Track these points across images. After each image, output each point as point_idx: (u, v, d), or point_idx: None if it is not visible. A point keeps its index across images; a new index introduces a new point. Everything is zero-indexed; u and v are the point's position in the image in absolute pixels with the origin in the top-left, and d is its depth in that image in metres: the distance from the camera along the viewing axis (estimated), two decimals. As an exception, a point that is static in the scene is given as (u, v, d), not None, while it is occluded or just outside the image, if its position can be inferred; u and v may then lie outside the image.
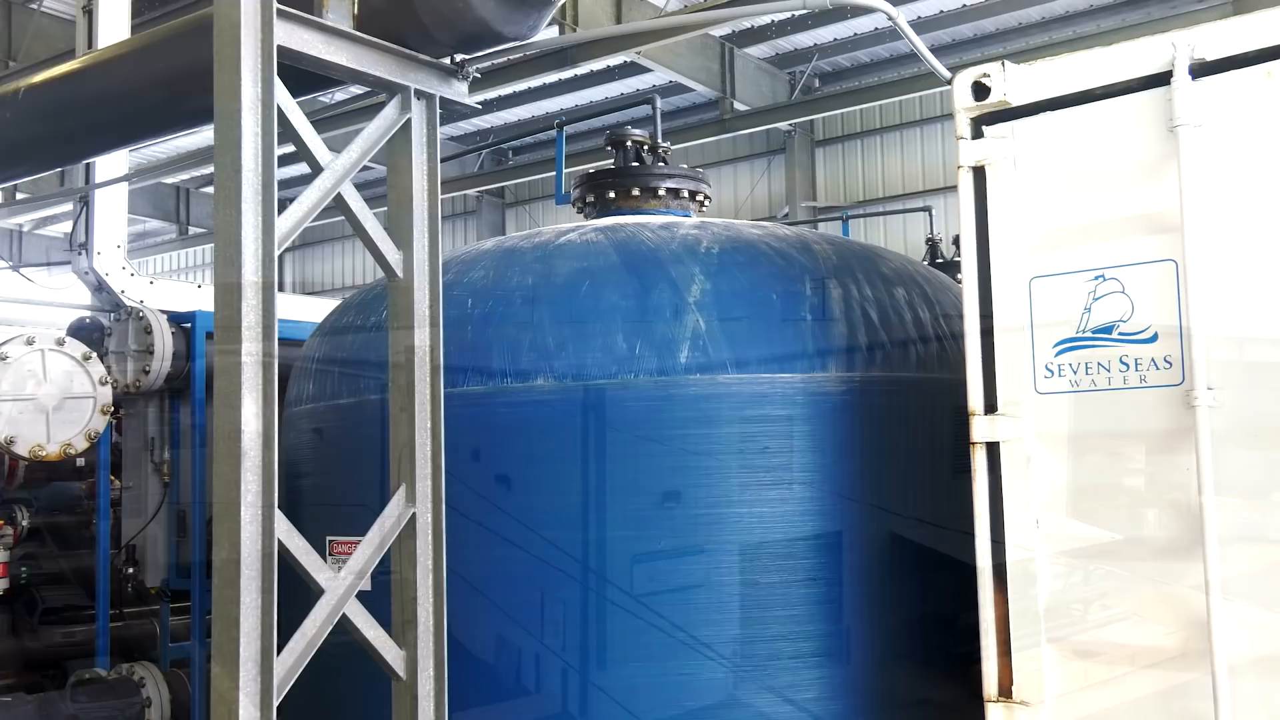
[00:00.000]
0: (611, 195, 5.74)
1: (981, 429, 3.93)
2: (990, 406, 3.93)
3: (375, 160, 4.13)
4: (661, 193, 5.71)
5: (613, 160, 5.94)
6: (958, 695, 4.26)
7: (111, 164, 8.01)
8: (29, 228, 24.05)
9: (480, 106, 4.64)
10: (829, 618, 4.43)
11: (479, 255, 5.15)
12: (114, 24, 8.21)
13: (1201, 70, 3.62)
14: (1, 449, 5.62)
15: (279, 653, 3.46)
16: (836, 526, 4.49)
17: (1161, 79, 3.67)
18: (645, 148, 5.94)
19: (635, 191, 5.71)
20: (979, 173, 4.01)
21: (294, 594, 3.78)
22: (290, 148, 3.78)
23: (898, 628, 4.57)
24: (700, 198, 5.85)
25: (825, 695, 4.39)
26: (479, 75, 4.37)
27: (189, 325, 7.39)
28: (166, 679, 7.18)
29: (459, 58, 4.26)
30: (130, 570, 7.72)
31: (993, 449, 3.91)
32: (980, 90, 3.98)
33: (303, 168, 3.74)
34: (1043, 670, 3.79)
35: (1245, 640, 3.45)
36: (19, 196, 13.38)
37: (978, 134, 4.01)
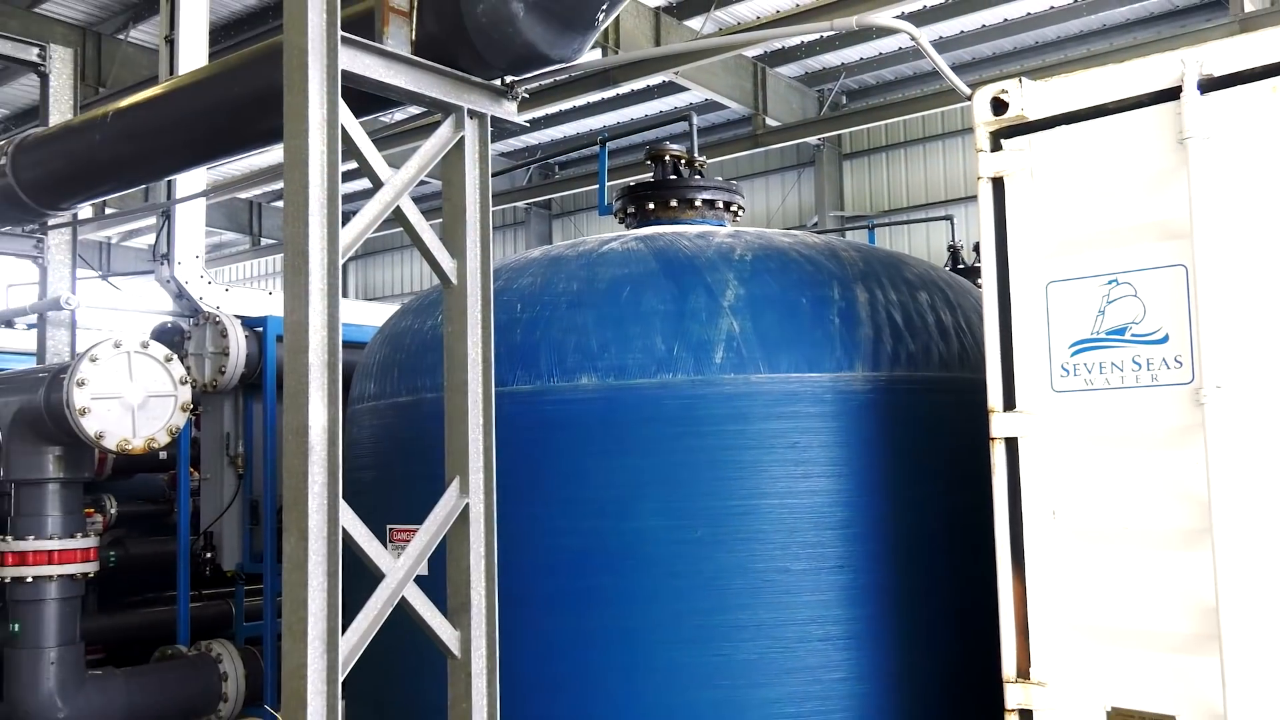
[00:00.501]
0: (651, 206, 5.73)
1: (1001, 425, 3.89)
2: (1009, 404, 3.89)
3: (431, 175, 4.16)
4: (698, 204, 5.70)
5: (652, 173, 5.93)
6: (979, 676, 4.22)
7: (190, 181, 8.11)
8: (116, 240, 24.41)
9: (528, 124, 4.65)
10: (856, 603, 4.40)
11: (527, 263, 5.16)
12: (193, 52, 8.31)
13: (1209, 85, 3.57)
14: (92, 443, 5.69)
15: (344, 631, 3.49)
16: (863, 517, 4.45)
17: (1171, 94, 3.62)
18: (682, 161, 5.93)
19: (673, 203, 5.70)
20: (998, 183, 3.97)
21: (357, 578, 3.81)
22: (353, 164, 3.81)
23: (921, 612, 4.52)
24: (734, 208, 5.83)
25: (852, 676, 4.36)
26: (527, 95, 4.38)
27: (261, 329, 7.47)
28: (241, 655, 7.25)
29: (509, 79, 4.27)
30: (208, 555, 7.82)
31: (1011, 444, 3.87)
32: (999, 105, 3.94)
33: (364, 182, 3.77)
34: (1059, 652, 3.75)
35: (1252, 625, 3.40)
36: (108, 211, 13.57)
37: (996, 147, 3.98)
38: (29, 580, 5.88)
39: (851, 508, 4.44)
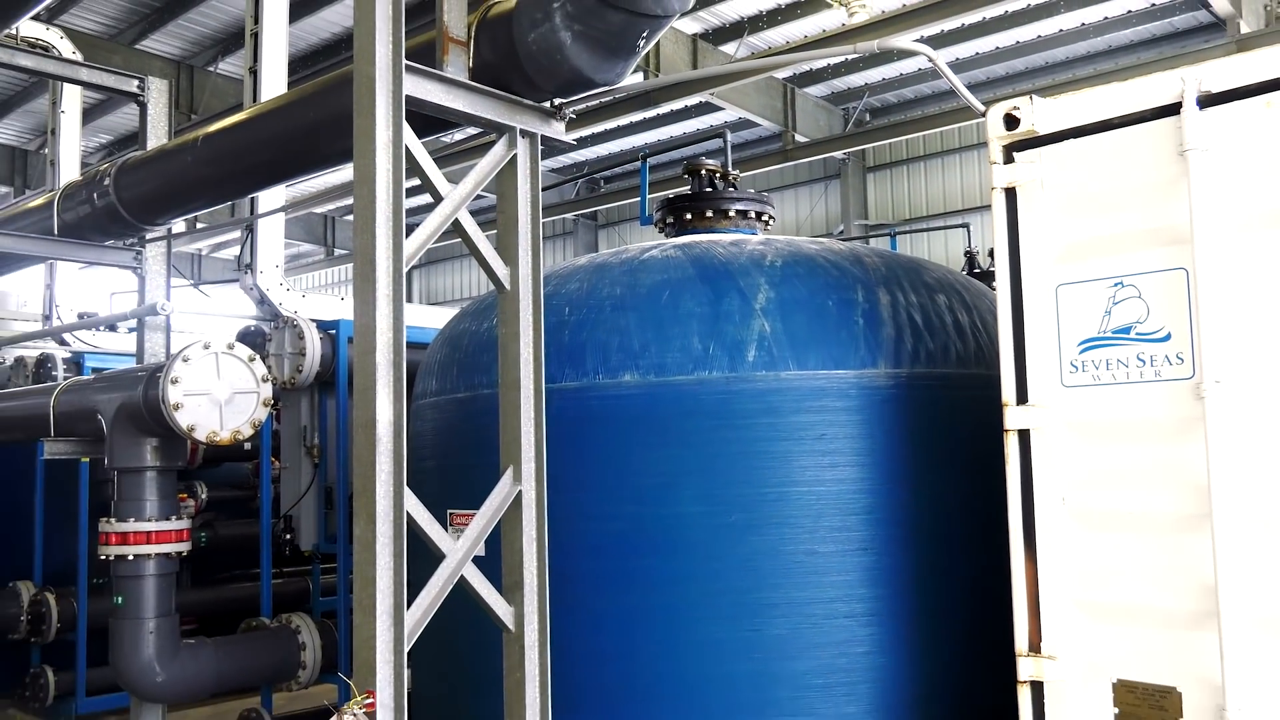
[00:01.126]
0: (688, 216, 5.72)
1: (1014, 418, 3.85)
2: (1021, 398, 3.85)
3: (486, 190, 4.18)
4: (731, 214, 5.67)
5: (689, 186, 5.92)
6: (993, 651, 4.18)
7: (271, 197, 8.21)
8: (206, 252, 24.75)
9: (576, 142, 4.66)
10: (878, 582, 4.36)
11: (575, 270, 5.17)
12: (274, 82, 8.40)
13: (1208, 101, 3.51)
14: (184, 435, 5.76)
15: (409, 606, 3.51)
16: (885, 503, 4.42)
17: (1172, 109, 3.57)
18: (717, 175, 5.91)
19: (709, 213, 5.68)
20: (1010, 193, 3.93)
21: (421, 558, 3.84)
22: (416, 181, 3.84)
23: (939, 591, 4.48)
24: (765, 218, 5.80)
25: (875, 650, 4.33)
26: (574, 116, 4.40)
27: (334, 331, 7.53)
28: (318, 627, 7.31)
29: (557, 101, 4.28)
30: (287, 536, 7.88)
31: (1024, 435, 3.83)
32: (1011, 121, 3.90)
33: (426, 197, 3.79)
34: (1068, 628, 3.70)
35: (1249, 603, 3.34)
36: (199, 226, 13.78)
37: (1009, 159, 3.93)
38: (130, 558, 5.98)
39: (875, 495, 4.41)
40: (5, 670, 9.14)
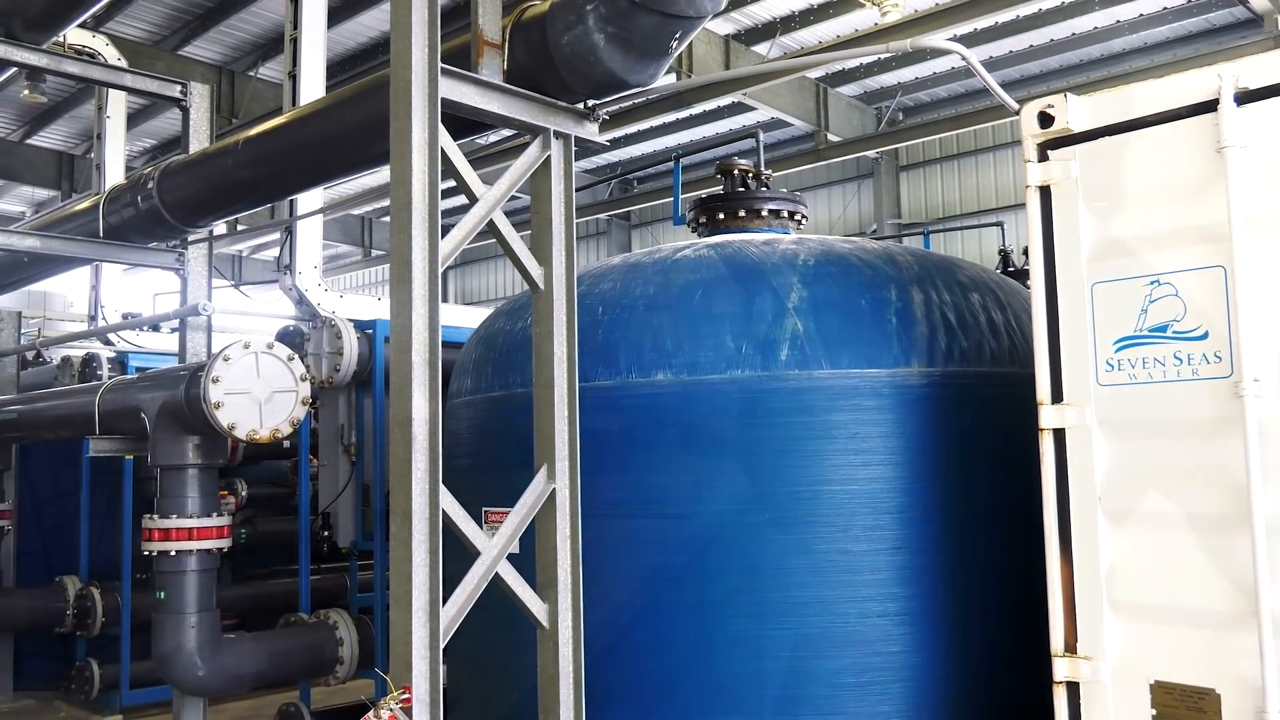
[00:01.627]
0: (721, 216, 5.71)
1: (1049, 417, 3.81)
2: (1057, 397, 3.80)
3: (521, 191, 4.19)
4: (764, 214, 5.65)
5: (722, 186, 5.91)
6: (1027, 650, 4.14)
7: (309, 199, 8.29)
8: (247, 253, 25.04)
9: (609, 144, 4.67)
10: (912, 581, 4.33)
11: (608, 269, 5.18)
12: (313, 86, 8.49)
13: (1245, 98, 3.45)
14: (225, 433, 5.83)
15: (444, 603, 3.53)
16: (918, 502, 4.39)
17: (1209, 106, 3.52)
18: (750, 175, 5.89)
19: (741, 213, 5.67)
20: (1045, 191, 3.89)
21: (456, 555, 3.86)
22: (452, 182, 3.86)
23: (973, 590, 4.44)
24: (798, 217, 5.78)
25: (909, 649, 4.30)
26: (608, 117, 4.40)
27: (371, 331, 7.58)
28: (355, 623, 7.36)
29: (591, 103, 4.29)
30: (325, 533, 7.95)
31: (1059, 434, 3.79)
32: (1045, 119, 3.86)
33: (461, 198, 3.81)
34: (1104, 628, 3.65)
35: (1292, 607, 3.28)
36: (239, 228, 13.93)
37: (1043, 157, 3.89)
38: (172, 554, 6.06)
39: (908, 494, 4.38)
40: (52, 663, 9.31)
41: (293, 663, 7.04)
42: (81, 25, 11.20)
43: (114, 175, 11.75)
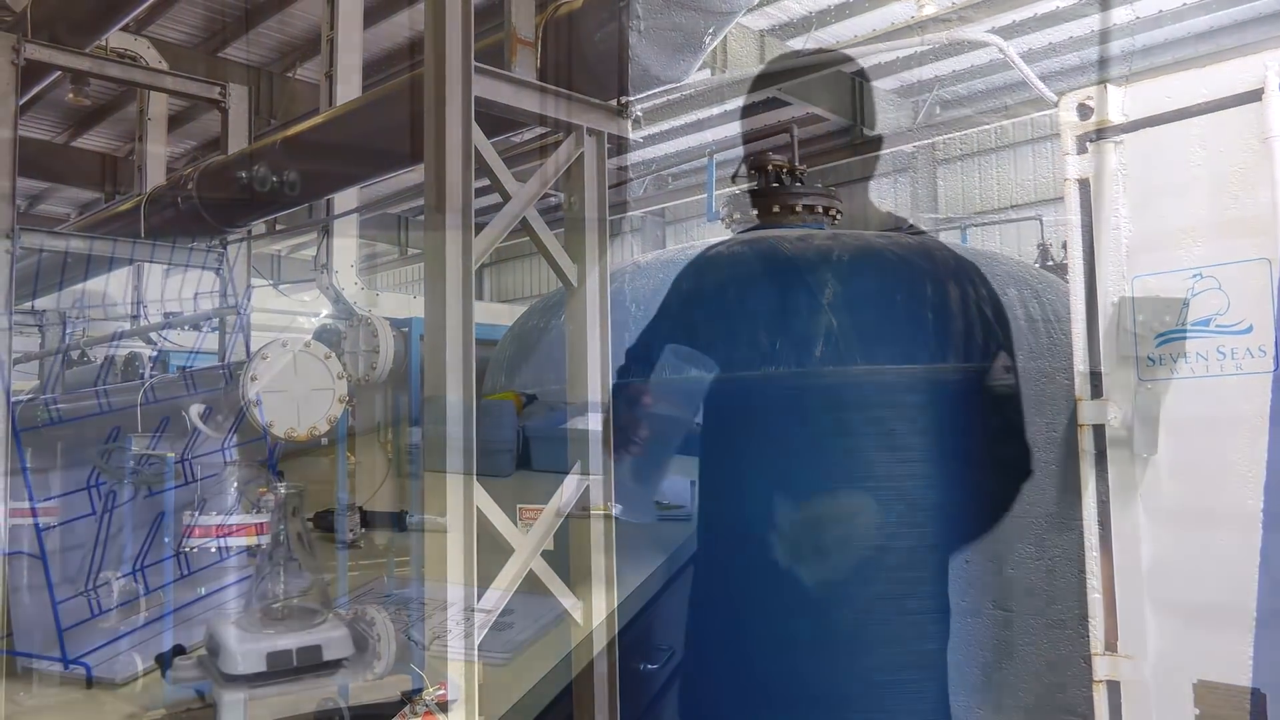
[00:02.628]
0: (755, 212, 5.69)
1: (1089, 412, 3.76)
2: (1096, 392, 3.75)
3: (554, 188, 4.20)
4: (799, 209, 5.63)
5: (756, 182, 5.89)
6: (1064, 651, 4.09)
7: (346, 198, 8.35)
8: (285, 253, 25.32)
9: (642, 140, 4.66)
10: (948, 578, 4.30)
11: (642, 266, 5.18)
12: (349, 86, 8.54)
13: (1293, 87, 3.39)
14: (263, 431, 5.88)
15: (479, 599, 3.55)
16: (955, 499, 4.35)
17: (1254, 96, 3.45)
18: (784, 170, 5.87)
19: (776, 209, 5.65)
20: (1084, 184, 3.84)
21: (491, 552, 3.88)
22: (485, 180, 3.87)
23: (1010, 589, 4.40)
24: (833, 212, 5.75)
25: (945, 646, 4.27)
26: (640, 114, 4.39)
27: (406, 329, 7.62)
28: (392, 619, 7.40)
29: (624, 99, 4.29)
30: (363, 529, 8.00)
31: (1099, 430, 3.74)
32: (1084, 111, 3.81)
33: (495, 196, 3.83)
34: (1145, 627, 3.60)
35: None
36: (277, 228, 14.07)
37: (1082, 150, 3.84)
38: (212, 550, 6.13)
39: (944, 490, 4.34)
40: (97, 655, 9.46)
41: (330, 658, 7.09)
42: (124, 29, 11.38)
43: (155, 176, 11.92)
